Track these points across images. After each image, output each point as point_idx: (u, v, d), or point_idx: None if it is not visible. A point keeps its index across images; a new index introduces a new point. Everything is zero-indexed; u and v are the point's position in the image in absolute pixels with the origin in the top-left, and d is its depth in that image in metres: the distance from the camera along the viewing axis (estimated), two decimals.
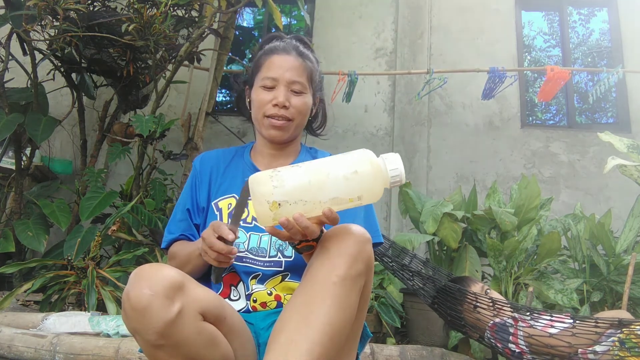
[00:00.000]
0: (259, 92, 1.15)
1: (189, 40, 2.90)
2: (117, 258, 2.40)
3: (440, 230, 2.52)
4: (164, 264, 0.86)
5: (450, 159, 3.97)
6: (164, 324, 0.77)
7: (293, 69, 1.13)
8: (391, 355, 1.89)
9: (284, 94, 1.12)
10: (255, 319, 1.06)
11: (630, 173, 2.37)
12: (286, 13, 4.63)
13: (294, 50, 1.16)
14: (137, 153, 3.07)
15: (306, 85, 1.15)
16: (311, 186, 0.82)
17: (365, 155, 0.85)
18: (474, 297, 1.60)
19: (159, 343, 0.79)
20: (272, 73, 1.13)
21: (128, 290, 0.80)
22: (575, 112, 4.33)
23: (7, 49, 2.61)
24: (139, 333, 0.80)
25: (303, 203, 0.81)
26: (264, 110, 1.14)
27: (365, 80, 3.98)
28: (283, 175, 0.83)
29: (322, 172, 0.83)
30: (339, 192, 0.82)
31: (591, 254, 2.42)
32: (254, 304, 1.08)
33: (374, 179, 0.83)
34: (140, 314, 0.78)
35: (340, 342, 0.83)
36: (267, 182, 0.82)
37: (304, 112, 1.16)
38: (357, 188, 0.83)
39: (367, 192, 0.84)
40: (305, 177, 0.82)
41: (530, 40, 4.72)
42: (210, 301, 0.87)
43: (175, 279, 0.81)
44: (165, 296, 0.78)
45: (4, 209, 2.99)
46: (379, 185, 0.85)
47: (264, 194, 0.82)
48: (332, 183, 0.82)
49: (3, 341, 1.76)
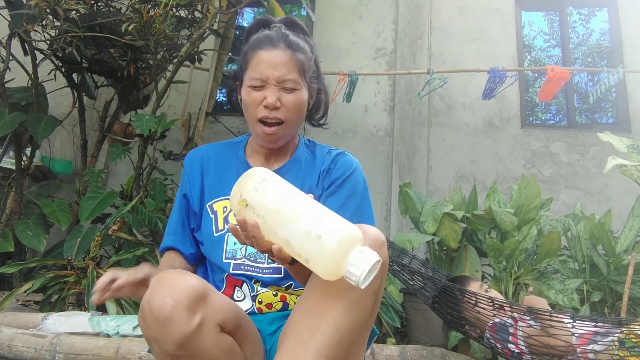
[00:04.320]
0: (249, 93, 1.06)
1: (190, 41, 2.90)
2: (117, 258, 2.40)
3: (440, 230, 2.52)
4: (186, 272, 0.85)
5: (450, 159, 3.97)
6: (185, 335, 0.76)
7: (282, 65, 1.04)
8: (391, 355, 1.89)
9: (275, 94, 1.04)
10: (261, 323, 1.03)
11: (630, 173, 2.37)
12: (286, 12, 4.63)
13: (282, 42, 1.06)
14: (137, 153, 3.07)
15: (298, 81, 1.06)
16: (278, 216, 0.79)
17: (346, 233, 0.76)
18: (474, 296, 1.60)
19: (177, 353, 0.77)
20: (259, 72, 1.04)
21: (149, 298, 0.77)
22: (575, 112, 4.33)
23: (7, 49, 2.61)
24: (157, 342, 0.78)
25: (263, 222, 0.80)
26: (255, 113, 1.06)
27: (365, 80, 3.98)
28: (268, 188, 0.82)
29: (295, 213, 0.78)
30: (293, 240, 0.78)
31: (591, 254, 2.42)
32: (259, 305, 1.06)
33: (328, 259, 0.75)
34: (161, 324, 0.76)
35: (350, 345, 0.82)
36: (253, 182, 0.82)
37: (298, 110, 1.08)
38: (310, 250, 0.76)
39: (316, 263, 0.77)
40: (281, 205, 0.80)
41: (530, 40, 4.71)
42: (229, 311, 0.86)
43: (198, 288, 0.79)
44: (188, 307, 0.76)
45: (4, 208, 2.99)
46: (330, 267, 0.76)
47: (243, 187, 0.83)
48: (294, 228, 0.77)
49: (3, 341, 1.77)
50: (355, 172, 1.13)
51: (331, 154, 1.17)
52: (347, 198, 1.09)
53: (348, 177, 1.11)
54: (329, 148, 1.19)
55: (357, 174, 1.13)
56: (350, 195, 1.09)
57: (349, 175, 1.11)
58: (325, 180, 1.12)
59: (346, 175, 1.11)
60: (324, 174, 1.13)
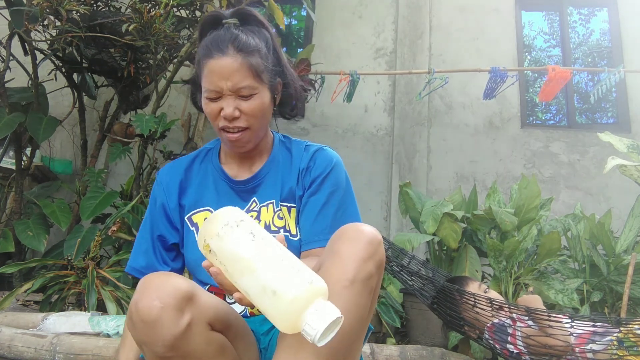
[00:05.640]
0: (207, 104, 1.03)
1: (190, 41, 2.90)
2: (117, 258, 2.40)
3: (440, 230, 2.52)
4: (172, 273, 0.84)
5: (450, 159, 3.97)
6: (174, 337, 0.76)
7: (234, 73, 0.99)
8: (391, 355, 1.89)
9: (231, 104, 1.00)
10: (253, 324, 1.03)
11: (630, 173, 2.37)
12: (286, 13, 4.63)
13: (231, 46, 1.00)
14: (137, 153, 3.07)
15: (254, 85, 1.01)
16: (237, 266, 0.75)
17: (303, 289, 0.70)
18: (473, 297, 1.60)
19: (167, 355, 0.77)
20: (212, 85, 1.00)
21: (137, 301, 0.77)
22: (575, 112, 4.33)
23: (8, 49, 2.61)
24: (147, 345, 0.78)
25: (224, 268, 0.77)
26: (217, 123, 1.04)
27: (365, 80, 3.97)
28: (230, 235, 0.77)
29: (253, 264, 0.73)
30: (250, 293, 0.74)
31: (591, 254, 2.42)
32: (252, 310, 1.06)
33: (282, 316, 0.71)
34: (150, 327, 0.75)
35: (348, 342, 0.82)
36: (216, 226, 0.78)
37: (260, 114, 1.04)
38: (265, 305, 0.72)
39: (272, 318, 0.73)
40: (241, 255, 0.75)
41: (530, 40, 4.72)
42: (218, 310, 0.85)
43: (185, 289, 0.78)
44: (176, 308, 0.76)
45: (4, 209, 2.99)
46: (285, 324, 0.72)
47: (207, 231, 0.78)
48: (250, 280, 0.74)
49: (3, 341, 1.77)
50: (336, 167, 1.11)
51: (309, 150, 1.14)
52: (330, 195, 1.08)
53: (328, 174, 1.10)
54: (306, 143, 1.17)
55: (337, 169, 1.12)
56: (332, 192, 1.08)
57: (329, 172, 1.10)
58: (306, 179, 1.11)
59: (326, 172, 1.10)
60: (303, 172, 1.11)
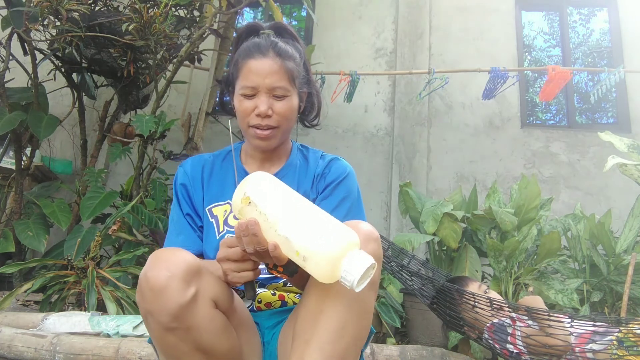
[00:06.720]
0: (241, 101, 1.09)
1: (190, 41, 2.90)
2: (117, 258, 2.40)
3: (441, 230, 2.53)
4: (180, 249, 0.88)
5: (450, 159, 3.97)
6: (179, 306, 0.79)
7: (272, 73, 1.06)
8: (391, 355, 1.89)
9: (266, 103, 1.07)
10: (260, 317, 1.07)
11: (630, 172, 2.37)
12: (287, 13, 4.63)
13: (271, 50, 1.08)
14: (137, 153, 3.07)
15: (288, 88, 1.09)
16: (280, 212, 0.82)
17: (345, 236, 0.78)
18: (473, 297, 1.60)
19: (172, 326, 0.80)
20: (250, 82, 1.07)
21: (146, 271, 0.82)
22: (575, 112, 4.33)
23: (7, 49, 2.61)
24: (153, 314, 0.81)
25: (264, 219, 0.82)
26: (248, 120, 1.09)
27: (365, 80, 3.98)
28: (272, 187, 0.85)
29: (298, 211, 0.82)
30: (293, 237, 0.79)
31: (591, 254, 2.42)
32: (258, 305, 1.10)
33: (326, 259, 0.76)
34: (157, 295, 0.79)
35: (351, 341, 0.85)
36: (257, 181, 0.85)
37: (290, 116, 1.11)
38: (309, 249, 0.77)
39: (313, 263, 0.77)
40: (284, 202, 0.83)
41: (530, 40, 4.71)
42: (223, 291, 0.89)
43: (192, 262, 0.83)
44: (183, 279, 0.80)
45: (4, 209, 2.99)
46: (327, 268, 0.77)
47: (247, 186, 0.85)
48: (295, 225, 0.80)
49: (3, 341, 1.77)
50: (349, 176, 1.17)
51: (325, 159, 1.21)
52: (341, 200, 1.13)
53: (342, 181, 1.15)
54: (322, 153, 1.23)
55: (350, 178, 1.17)
56: (344, 198, 1.13)
57: (343, 179, 1.15)
58: (320, 184, 1.17)
59: (340, 179, 1.15)
60: (318, 178, 1.17)
